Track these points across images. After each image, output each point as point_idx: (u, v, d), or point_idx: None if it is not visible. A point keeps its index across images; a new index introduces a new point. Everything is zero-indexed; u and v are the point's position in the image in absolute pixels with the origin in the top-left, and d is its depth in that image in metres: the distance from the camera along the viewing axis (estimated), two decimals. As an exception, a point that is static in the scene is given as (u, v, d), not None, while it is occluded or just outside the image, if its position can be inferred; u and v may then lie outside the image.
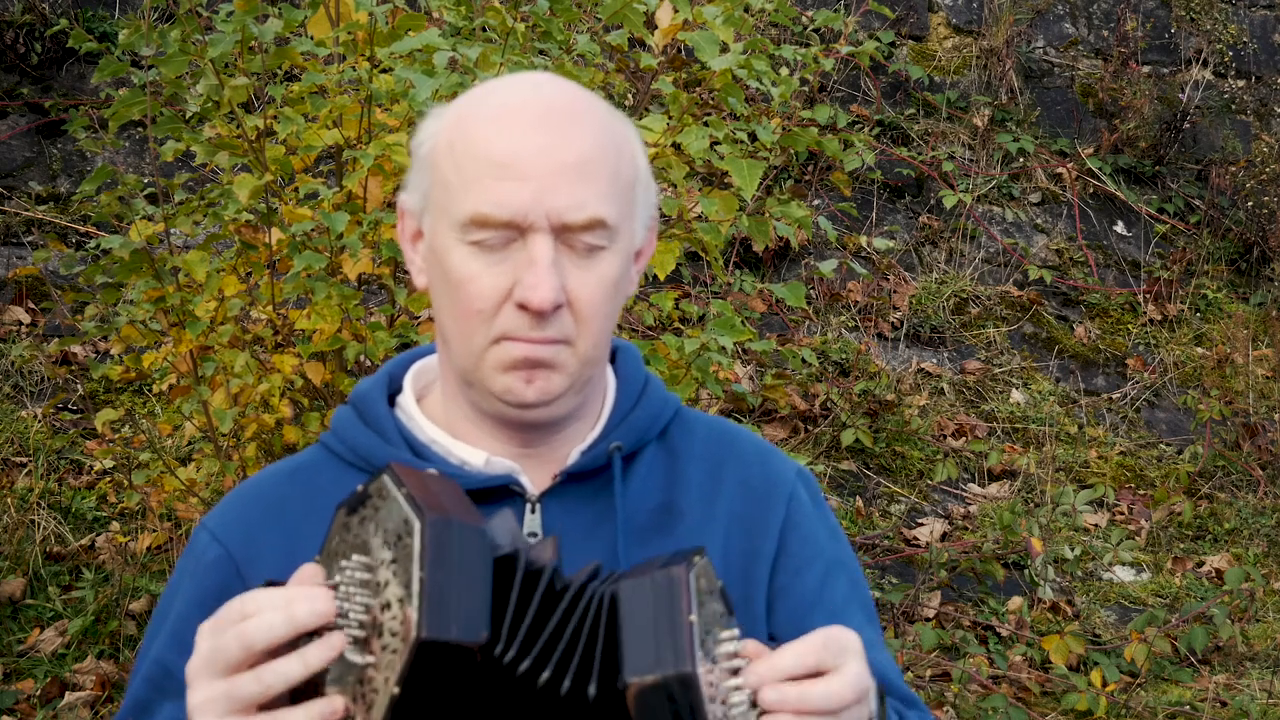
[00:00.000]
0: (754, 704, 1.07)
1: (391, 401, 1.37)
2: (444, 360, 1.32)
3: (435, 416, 1.34)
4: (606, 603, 1.09)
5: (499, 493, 1.28)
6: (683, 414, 1.41)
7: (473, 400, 1.29)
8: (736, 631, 1.09)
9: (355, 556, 1.07)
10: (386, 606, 1.04)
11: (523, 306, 1.20)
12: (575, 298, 1.22)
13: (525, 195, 1.19)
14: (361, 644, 1.05)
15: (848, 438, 4.92)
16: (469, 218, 1.20)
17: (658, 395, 1.39)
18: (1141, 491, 5.30)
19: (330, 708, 1.04)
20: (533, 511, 1.29)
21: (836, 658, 1.10)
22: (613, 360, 1.40)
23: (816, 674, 1.09)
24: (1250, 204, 6.36)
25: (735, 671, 1.07)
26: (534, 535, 1.29)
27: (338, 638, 1.05)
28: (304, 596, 1.06)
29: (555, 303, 1.19)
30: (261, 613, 1.05)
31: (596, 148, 1.22)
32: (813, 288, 5.62)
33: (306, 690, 1.06)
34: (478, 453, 1.30)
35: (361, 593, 1.05)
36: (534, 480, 1.31)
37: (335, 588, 1.07)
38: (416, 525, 1.04)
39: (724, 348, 2.98)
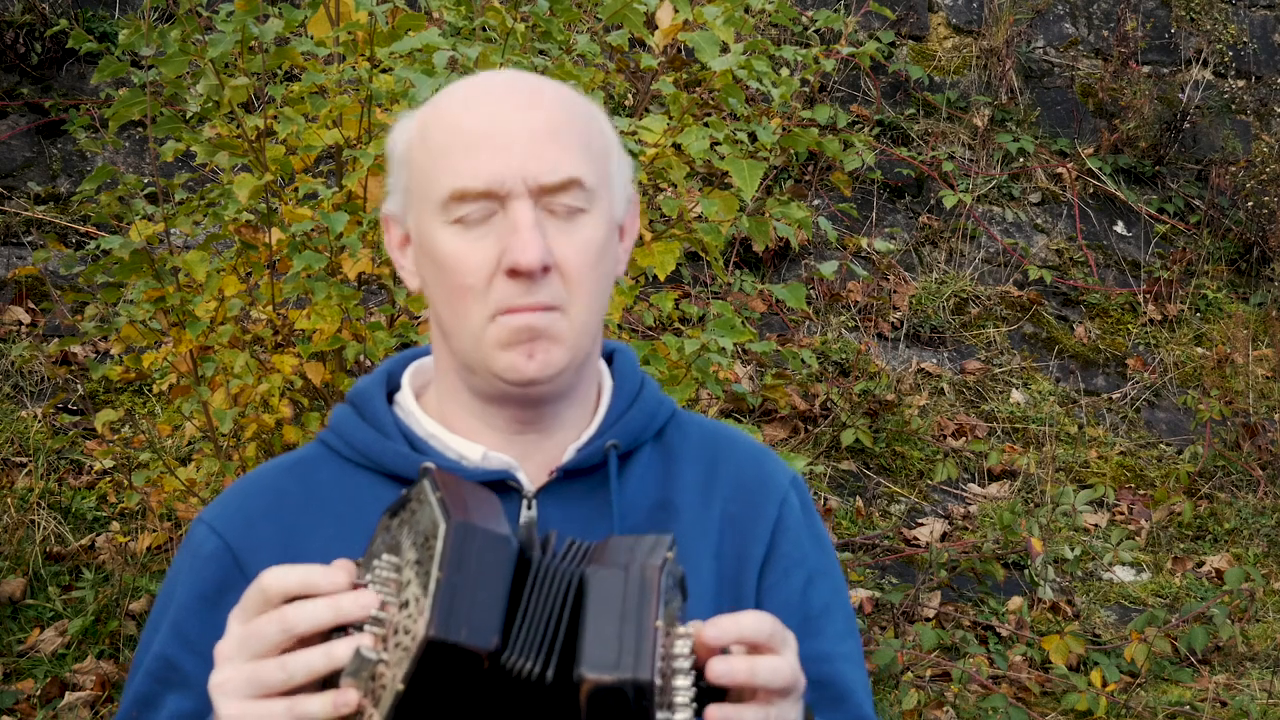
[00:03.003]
0: (696, 712, 1.07)
1: (390, 399, 1.38)
2: (441, 355, 1.33)
3: (432, 413, 1.35)
4: (574, 584, 1.09)
5: (495, 488, 1.28)
6: (679, 416, 1.42)
7: (474, 386, 1.29)
8: (690, 629, 1.09)
9: (386, 556, 1.09)
10: (405, 605, 1.05)
11: (513, 271, 1.21)
12: (562, 259, 1.23)
13: (499, 163, 1.21)
14: (379, 641, 1.06)
15: (848, 438, 4.92)
16: (448, 194, 1.22)
17: (654, 396, 1.40)
18: (1141, 491, 5.30)
19: (344, 699, 1.05)
20: (529, 507, 1.30)
21: (783, 644, 1.11)
22: (610, 361, 1.41)
23: (763, 650, 1.10)
24: (1250, 204, 6.36)
25: (682, 670, 1.07)
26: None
27: (361, 637, 1.06)
28: (334, 579, 1.08)
29: (543, 261, 1.20)
30: (305, 600, 1.07)
31: (565, 115, 1.25)
32: (813, 288, 5.62)
33: (323, 683, 1.07)
34: (475, 447, 1.31)
35: (386, 591, 1.07)
36: (530, 476, 1.31)
37: (365, 585, 1.08)
38: (442, 528, 1.06)
39: (724, 348, 2.98)
